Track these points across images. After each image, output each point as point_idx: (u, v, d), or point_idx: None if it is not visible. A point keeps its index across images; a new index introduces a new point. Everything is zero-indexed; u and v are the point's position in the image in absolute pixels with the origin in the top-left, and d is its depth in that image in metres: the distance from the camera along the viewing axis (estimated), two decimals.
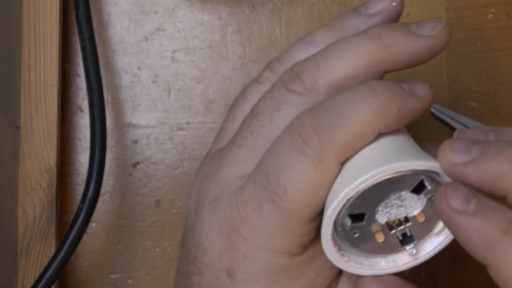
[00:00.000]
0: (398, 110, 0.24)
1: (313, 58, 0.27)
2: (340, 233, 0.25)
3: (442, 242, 0.26)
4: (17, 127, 0.40)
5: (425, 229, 0.26)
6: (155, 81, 0.43)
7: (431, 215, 0.25)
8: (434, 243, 0.26)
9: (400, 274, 0.26)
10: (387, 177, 0.24)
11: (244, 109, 0.30)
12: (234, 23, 0.44)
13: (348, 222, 0.25)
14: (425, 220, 0.25)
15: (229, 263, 0.26)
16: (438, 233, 0.26)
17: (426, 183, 0.24)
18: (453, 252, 0.43)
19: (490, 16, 0.44)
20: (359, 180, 0.24)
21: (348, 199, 0.24)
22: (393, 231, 0.25)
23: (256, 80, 0.30)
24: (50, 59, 0.40)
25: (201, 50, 0.43)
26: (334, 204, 0.24)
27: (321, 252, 0.25)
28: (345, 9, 0.44)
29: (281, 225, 0.25)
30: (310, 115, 0.25)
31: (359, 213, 0.25)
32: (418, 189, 0.25)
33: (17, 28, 0.40)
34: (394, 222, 0.25)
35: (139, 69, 0.43)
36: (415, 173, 0.24)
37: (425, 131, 0.44)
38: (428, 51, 0.27)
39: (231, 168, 0.27)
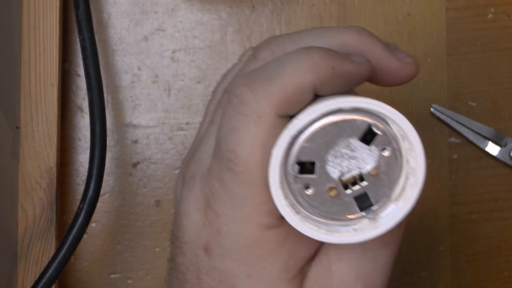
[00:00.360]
0: (332, 68, 0.24)
1: (288, 35, 0.27)
2: (293, 187, 0.24)
3: (402, 210, 0.24)
4: (17, 127, 0.40)
5: (383, 192, 0.25)
6: (155, 81, 0.43)
7: (387, 174, 0.24)
8: (394, 210, 0.25)
9: None
10: (331, 117, 0.23)
11: (211, 101, 0.31)
12: (234, 23, 0.44)
13: (296, 168, 0.24)
14: (380, 177, 0.24)
15: (206, 239, 0.26)
16: (397, 198, 0.25)
17: (374, 129, 0.24)
18: (453, 252, 0.43)
19: (490, 16, 0.44)
20: (300, 116, 0.23)
21: (293, 139, 0.24)
22: (348, 191, 0.24)
23: (236, 63, 0.31)
24: (50, 59, 0.40)
25: (201, 50, 0.43)
26: (278, 143, 0.24)
27: (296, 234, 0.25)
28: (345, 9, 0.44)
29: (244, 192, 0.25)
30: (243, 76, 0.25)
31: (307, 160, 0.24)
32: (367, 139, 0.24)
33: (17, 28, 0.40)
34: (349, 181, 0.24)
35: (139, 69, 0.43)
36: (358, 112, 0.24)
37: (425, 131, 0.44)
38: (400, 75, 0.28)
39: (205, 146, 0.27)
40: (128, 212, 0.43)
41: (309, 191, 0.24)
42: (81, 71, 0.43)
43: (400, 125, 0.24)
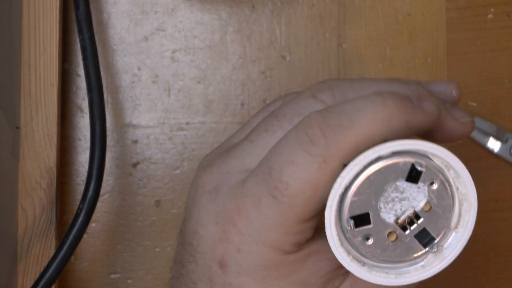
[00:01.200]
0: (406, 122, 0.25)
1: (350, 81, 0.28)
2: (353, 241, 0.25)
3: (463, 236, 0.25)
4: (17, 127, 0.40)
5: (441, 224, 0.25)
6: (155, 81, 0.43)
7: (441, 206, 0.25)
8: (455, 238, 0.25)
9: None
10: (372, 166, 0.24)
11: (254, 117, 0.31)
12: (234, 23, 0.44)
13: (351, 223, 0.24)
14: (435, 212, 0.25)
15: (222, 254, 0.26)
16: (456, 227, 0.25)
17: (417, 167, 0.24)
18: None
19: (490, 16, 0.44)
20: (343, 173, 0.24)
21: (342, 197, 0.24)
22: (408, 232, 0.25)
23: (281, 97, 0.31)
24: (50, 59, 0.40)
25: (201, 50, 0.43)
26: (328, 204, 0.24)
27: (316, 252, 0.26)
28: (345, 9, 0.44)
29: (278, 220, 0.25)
30: (319, 115, 0.25)
31: (361, 213, 0.24)
32: (413, 177, 0.24)
33: (17, 28, 0.40)
34: (405, 221, 0.25)
35: (139, 69, 0.43)
36: (398, 154, 0.24)
37: None
38: (456, 134, 0.28)
39: (236, 160, 0.27)
40: (128, 212, 0.43)
41: (369, 242, 0.25)
42: (81, 71, 0.43)
43: (442, 156, 0.24)
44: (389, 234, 0.25)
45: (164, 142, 0.43)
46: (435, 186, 0.25)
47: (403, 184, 0.24)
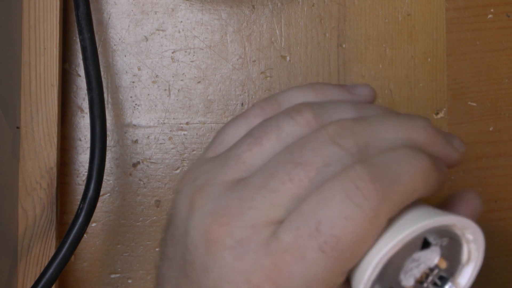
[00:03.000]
0: (438, 180, 0.26)
1: (365, 121, 0.28)
2: None
3: (474, 268, 0.27)
4: (17, 127, 0.40)
5: (453, 265, 0.27)
6: (155, 81, 0.43)
7: (450, 253, 0.26)
8: (468, 272, 0.27)
9: None
10: (390, 252, 0.25)
11: (244, 127, 0.30)
12: (234, 23, 0.44)
13: None
14: (448, 262, 0.26)
15: None
16: (467, 262, 0.27)
17: (430, 239, 0.25)
18: None
19: (490, 16, 0.44)
20: (364, 264, 0.25)
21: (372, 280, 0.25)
22: (425, 284, 0.26)
23: (258, 105, 0.30)
24: (50, 59, 0.40)
25: (201, 50, 0.43)
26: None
27: None
28: (345, 9, 0.44)
29: (323, 275, 0.25)
30: (366, 169, 0.25)
31: None
32: (426, 244, 0.26)
33: (17, 28, 0.40)
34: (422, 277, 0.26)
35: (139, 69, 0.43)
36: (415, 238, 0.25)
37: None
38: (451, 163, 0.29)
39: (258, 212, 0.26)
40: (128, 212, 0.43)
41: None
42: (81, 71, 0.43)
43: (451, 223, 0.25)
44: None
45: (164, 142, 0.43)
46: (445, 243, 0.26)
47: (418, 254, 0.26)
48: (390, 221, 0.25)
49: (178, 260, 0.28)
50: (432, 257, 0.26)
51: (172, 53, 0.43)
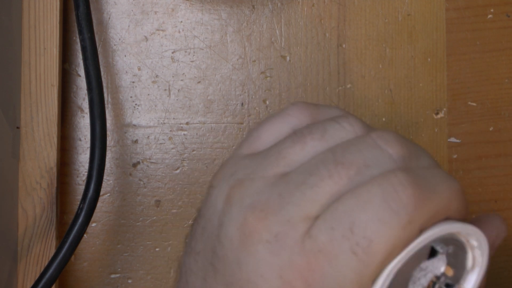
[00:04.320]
0: (466, 208, 0.27)
1: (410, 141, 0.28)
2: None
3: (479, 273, 0.27)
4: (17, 127, 0.40)
5: (459, 273, 0.27)
6: (155, 81, 0.43)
7: (456, 260, 0.26)
8: (473, 278, 0.27)
9: None
10: (402, 263, 0.25)
11: (283, 128, 0.30)
12: (234, 23, 0.44)
13: None
14: (454, 270, 0.26)
15: None
16: (472, 268, 0.27)
17: (437, 248, 0.26)
18: None
19: (490, 16, 0.44)
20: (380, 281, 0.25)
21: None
22: None
23: (296, 104, 0.31)
24: (50, 59, 0.40)
25: (201, 50, 0.43)
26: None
27: None
28: (345, 9, 0.44)
29: (354, 278, 0.25)
30: (407, 175, 0.25)
31: None
32: (433, 252, 0.26)
33: (17, 28, 0.40)
34: (429, 285, 0.26)
35: (139, 69, 0.43)
36: (423, 247, 0.25)
37: (425, 131, 0.44)
38: None
39: (296, 207, 0.26)
40: (128, 212, 0.43)
41: None
42: (81, 71, 0.43)
43: (458, 231, 0.26)
44: None
45: (164, 142, 0.43)
46: (451, 250, 0.26)
47: (425, 263, 0.26)
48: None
49: (207, 254, 0.28)
50: (439, 266, 0.26)
51: (172, 53, 0.43)
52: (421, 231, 0.25)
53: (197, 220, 0.30)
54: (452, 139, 0.44)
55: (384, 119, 0.44)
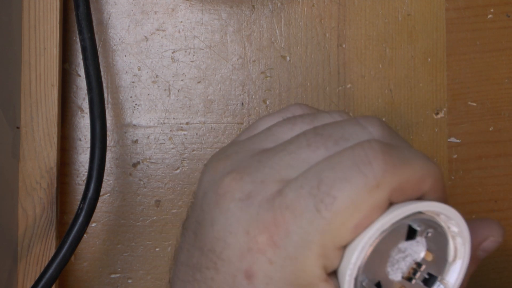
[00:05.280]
0: (443, 191, 0.27)
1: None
2: None
3: (462, 265, 0.27)
4: (17, 127, 0.40)
5: (440, 263, 0.26)
6: (155, 81, 0.43)
7: (437, 249, 0.26)
8: (455, 270, 0.27)
9: None
10: (376, 242, 0.25)
11: (278, 119, 0.30)
12: (234, 23, 0.44)
13: None
14: (434, 256, 0.26)
15: (250, 264, 0.26)
16: (453, 260, 0.27)
17: (415, 226, 0.25)
18: None
19: (490, 16, 0.44)
20: (353, 260, 0.25)
21: (355, 279, 0.25)
22: (414, 281, 0.26)
23: (296, 104, 0.31)
24: (50, 59, 0.40)
25: (201, 50, 0.43)
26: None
27: None
28: (345, 9, 0.44)
29: (315, 237, 0.25)
30: (381, 143, 0.25)
31: (373, 282, 0.26)
32: (411, 234, 0.26)
33: (17, 28, 0.40)
34: (410, 273, 0.26)
35: (139, 69, 0.43)
36: (398, 224, 0.25)
37: (425, 131, 0.44)
38: None
39: (272, 170, 0.27)
40: (128, 212, 0.43)
41: None
42: (81, 71, 0.43)
43: (433, 210, 0.25)
44: None
45: (164, 142, 0.43)
46: (430, 234, 0.26)
47: (403, 244, 0.25)
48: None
49: (192, 225, 0.29)
50: (418, 250, 0.26)
51: (172, 53, 0.43)
52: (390, 204, 0.25)
53: (190, 205, 0.30)
54: (452, 139, 0.44)
55: (384, 119, 0.44)
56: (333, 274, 0.26)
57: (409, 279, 0.26)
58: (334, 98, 0.44)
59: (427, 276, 0.26)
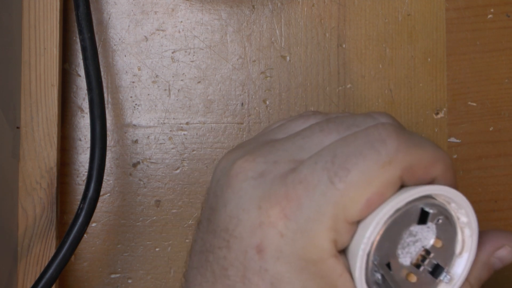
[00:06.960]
0: (454, 179, 0.27)
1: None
2: (371, 280, 0.26)
3: (468, 258, 0.27)
4: (17, 127, 0.40)
5: (448, 254, 0.27)
6: (155, 81, 0.43)
7: (447, 238, 0.27)
8: (462, 262, 0.27)
9: None
10: (390, 220, 0.25)
11: (296, 120, 0.31)
12: (234, 23, 0.44)
13: (379, 275, 0.25)
14: (443, 244, 0.26)
15: (261, 239, 0.25)
16: (460, 252, 0.27)
17: (427, 209, 0.26)
18: None
19: (490, 16, 0.44)
20: (365, 240, 0.25)
21: (368, 255, 0.25)
22: (422, 268, 0.26)
23: (310, 111, 0.34)
24: (50, 59, 0.40)
25: (201, 50, 0.43)
26: (356, 273, 0.25)
27: (347, 275, 0.26)
28: (345, 9, 0.44)
29: (327, 210, 0.25)
30: (395, 127, 0.26)
31: (383, 263, 0.26)
32: (423, 218, 0.26)
33: (17, 28, 0.40)
34: (418, 259, 0.26)
35: (139, 69, 0.43)
36: (412, 204, 0.25)
37: (425, 131, 0.44)
38: None
39: (285, 152, 0.27)
40: (128, 212, 0.43)
41: (391, 285, 0.26)
42: (81, 71, 0.43)
43: (444, 194, 0.26)
44: (407, 274, 0.26)
45: (164, 142, 0.43)
46: (440, 222, 0.26)
47: (415, 227, 0.26)
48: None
49: (206, 213, 0.29)
50: (428, 236, 0.26)
51: (172, 53, 0.43)
52: (401, 187, 0.25)
53: (204, 198, 0.31)
54: (452, 139, 0.44)
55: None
56: (343, 253, 0.26)
57: (417, 266, 0.26)
58: (334, 98, 0.44)
59: (435, 263, 0.27)
